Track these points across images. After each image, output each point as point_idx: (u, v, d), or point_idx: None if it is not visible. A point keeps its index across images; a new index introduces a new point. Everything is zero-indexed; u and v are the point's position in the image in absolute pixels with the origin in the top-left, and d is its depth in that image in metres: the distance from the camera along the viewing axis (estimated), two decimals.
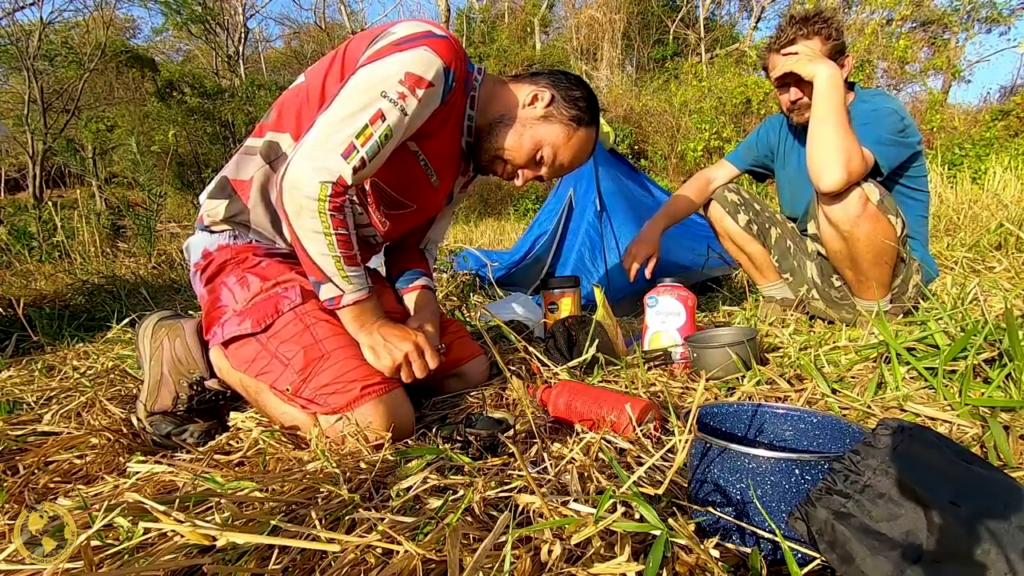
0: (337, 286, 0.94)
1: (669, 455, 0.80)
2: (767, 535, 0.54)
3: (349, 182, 0.91)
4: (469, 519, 0.62)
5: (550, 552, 0.54)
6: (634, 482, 0.62)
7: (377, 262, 1.42)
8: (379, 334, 0.98)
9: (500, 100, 1.11)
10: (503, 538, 0.52)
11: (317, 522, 0.61)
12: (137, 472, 0.81)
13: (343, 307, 0.96)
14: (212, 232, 1.09)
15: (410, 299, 1.27)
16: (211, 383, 1.06)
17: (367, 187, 1.10)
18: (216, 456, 0.90)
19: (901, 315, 1.51)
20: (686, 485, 0.67)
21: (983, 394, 0.90)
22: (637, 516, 0.59)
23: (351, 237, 0.94)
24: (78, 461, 0.90)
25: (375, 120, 0.90)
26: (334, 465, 0.78)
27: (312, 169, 0.89)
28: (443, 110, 1.02)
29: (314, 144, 0.91)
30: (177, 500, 0.67)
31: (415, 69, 0.92)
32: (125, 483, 0.79)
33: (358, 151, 0.90)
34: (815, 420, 0.70)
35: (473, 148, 1.14)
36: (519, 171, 1.14)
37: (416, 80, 0.92)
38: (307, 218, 0.90)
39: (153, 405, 1.04)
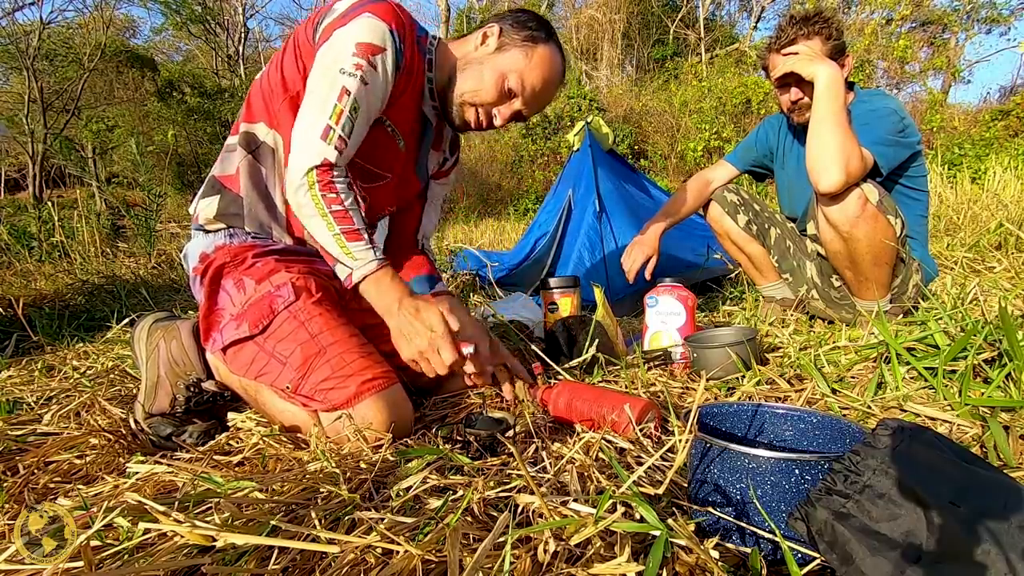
0: (345, 265, 0.94)
1: (669, 455, 0.80)
2: (767, 535, 0.54)
3: (334, 161, 0.94)
4: (469, 519, 0.62)
5: (548, 552, 0.54)
6: (634, 482, 0.62)
7: None
8: (403, 316, 0.94)
9: (455, 52, 1.11)
10: (503, 538, 0.52)
11: (317, 522, 0.61)
12: (137, 472, 0.81)
13: (356, 284, 0.96)
14: (208, 232, 1.10)
15: None
16: (208, 384, 1.05)
17: None
18: (216, 456, 0.90)
19: (901, 315, 1.51)
20: (686, 485, 0.67)
21: (983, 394, 0.90)
22: (637, 516, 0.59)
23: (349, 212, 0.94)
24: (78, 461, 0.90)
25: (341, 97, 0.94)
26: (334, 465, 0.78)
27: (299, 159, 0.94)
28: (404, 71, 1.03)
29: (297, 138, 0.95)
30: (177, 500, 0.67)
31: (364, 37, 0.94)
32: (125, 483, 0.79)
33: (334, 130, 0.94)
34: (815, 420, 0.70)
35: (442, 108, 1.14)
36: (494, 111, 1.12)
37: (367, 48, 0.95)
38: (305, 206, 0.93)
39: (151, 407, 1.04)
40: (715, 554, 0.53)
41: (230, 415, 1.05)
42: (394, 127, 1.10)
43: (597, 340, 1.25)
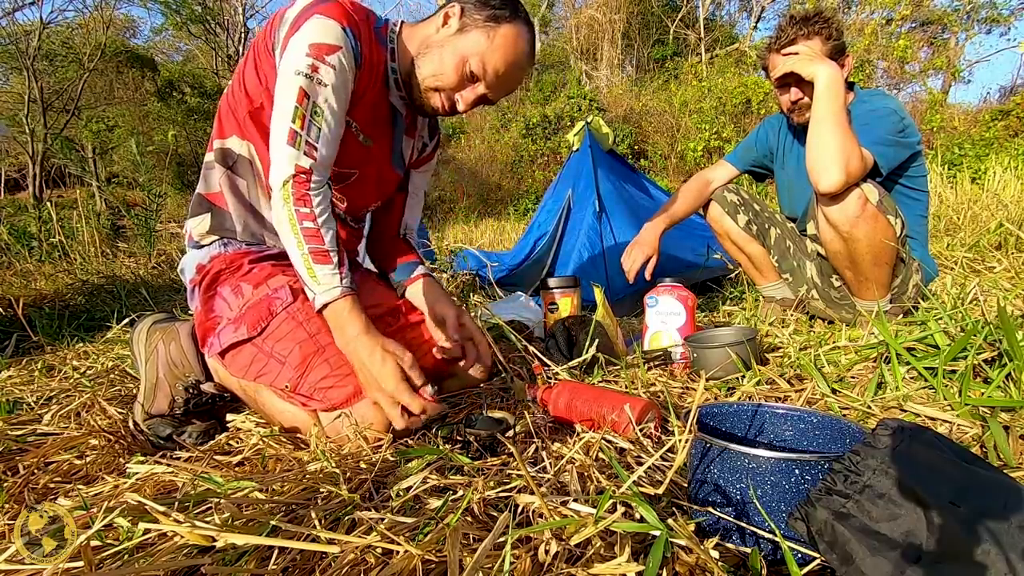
0: (310, 288, 0.90)
1: (669, 455, 0.80)
2: (767, 535, 0.54)
3: (308, 167, 0.91)
4: (469, 519, 0.62)
5: (547, 552, 0.54)
6: (634, 482, 0.62)
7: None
8: (358, 358, 0.89)
9: (415, 37, 1.08)
10: (503, 538, 0.52)
11: (317, 522, 0.61)
12: (137, 472, 0.81)
13: (319, 311, 0.92)
14: (202, 246, 1.10)
15: (415, 290, 1.25)
16: (207, 386, 1.06)
17: None
18: (216, 456, 0.90)
19: (901, 315, 1.51)
20: (686, 485, 0.67)
21: (983, 394, 0.90)
22: (637, 516, 0.59)
23: (321, 231, 0.91)
24: (78, 461, 0.90)
25: (301, 100, 0.91)
26: (334, 465, 0.78)
27: (275, 173, 0.92)
28: (364, 68, 1.01)
29: (271, 154, 0.93)
30: (177, 501, 0.67)
31: (315, 38, 0.92)
32: (125, 483, 0.79)
33: (300, 135, 0.91)
34: (815, 420, 0.70)
35: (408, 96, 1.11)
36: (457, 96, 1.07)
37: (320, 48, 0.92)
38: (281, 221, 0.91)
39: (150, 408, 1.04)
40: (715, 554, 0.53)
41: (230, 416, 1.05)
42: (357, 125, 1.08)
43: (597, 340, 1.25)
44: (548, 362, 1.19)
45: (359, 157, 1.13)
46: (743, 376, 1.15)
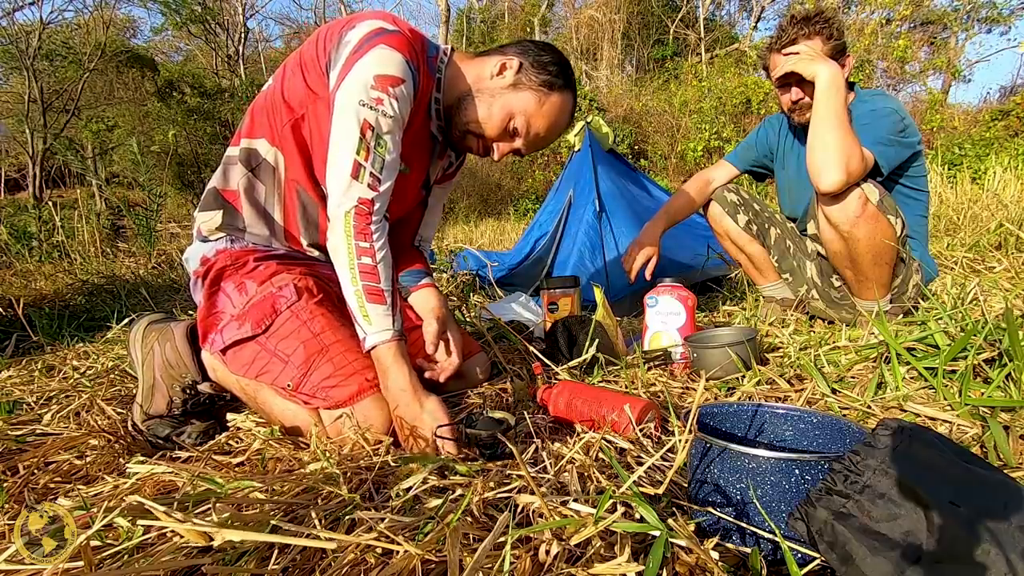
0: (360, 326, 0.90)
1: (669, 455, 0.80)
2: (767, 535, 0.54)
3: (369, 198, 0.92)
4: (469, 519, 0.62)
5: (547, 552, 0.54)
6: (634, 482, 0.62)
7: None
8: (400, 405, 0.90)
9: (467, 75, 1.08)
10: (503, 538, 0.52)
11: (317, 522, 0.61)
12: (137, 472, 0.81)
13: (367, 351, 0.92)
14: (208, 240, 1.10)
15: (417, 297, 1.27)
16: (204, 386, 1.05)
17: None
18: (216, 456, 0.90)
19: (901, 315, 1.51)
20: (686, 485, 0.67)
21: (983, 394, 0.90)
22: (637, 516, 0.59)
23: (378, 268, 0.91)
24: (78, 461, 0.90)
25: (365, 131, 0.91)
26: (334, 465, 0.78)
27: (336, 204, 0.92)
28: (415, 102, 1.02)
29: (331, 184, 0.93)
30: (176, 501, 0.67)
31: (381, 70, 0.92)
32: (125, 483, 0.79)
33: (364, 167, 0.91)
34: (815, 420, 0.70)
35: (446, 128, 1.12)
36: (494, 144, 1.09)
37: (385, 80, 0.92)
38: (339, 251, 0.91)
39: (149, 408, 1.04)
40: (715, 554, 0.53)
41: (230, 415, 1.05)
42: (401, 154, 1.08)
43: (597, 340, 1.25)
44: (548, 362, 1.19)
45: (396, 184, 1.14)
46: (743, 376, 1.15)
